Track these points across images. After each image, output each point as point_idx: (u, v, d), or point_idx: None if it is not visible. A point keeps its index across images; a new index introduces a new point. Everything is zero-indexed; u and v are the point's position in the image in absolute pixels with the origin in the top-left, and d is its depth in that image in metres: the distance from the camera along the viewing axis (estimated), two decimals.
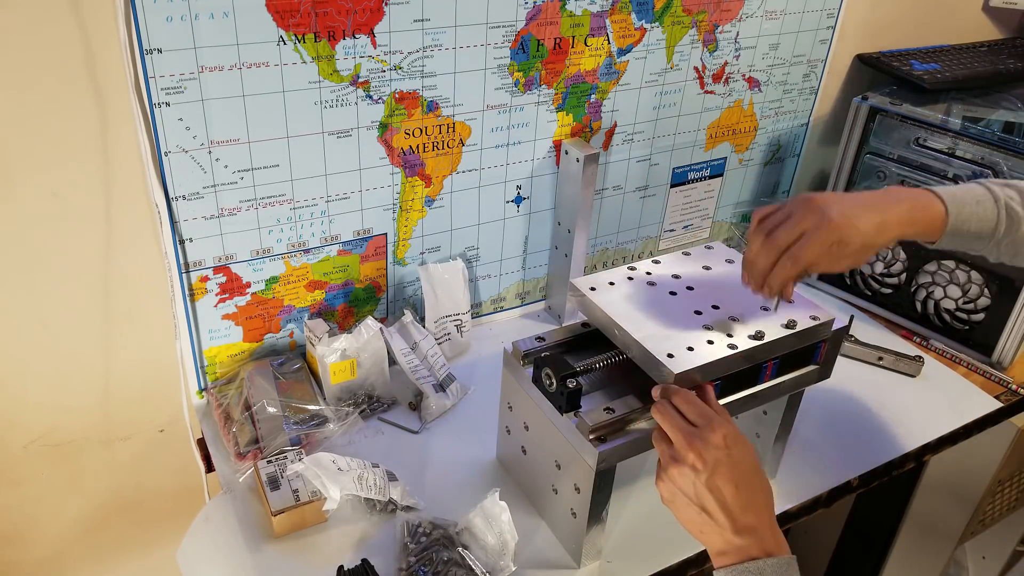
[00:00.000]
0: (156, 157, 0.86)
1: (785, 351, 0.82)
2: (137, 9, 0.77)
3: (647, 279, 0.88)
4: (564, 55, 1.06)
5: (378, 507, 0.88)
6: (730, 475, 0.67)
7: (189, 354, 0.99)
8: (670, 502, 0.71)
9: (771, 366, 0.82)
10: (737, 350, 0.78)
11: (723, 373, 0.78)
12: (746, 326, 0.81)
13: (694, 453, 0.68)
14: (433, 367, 1.06)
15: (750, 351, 0.79)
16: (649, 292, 0.86)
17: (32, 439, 0.99)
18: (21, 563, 1.08)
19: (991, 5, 1.56)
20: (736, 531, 0.67)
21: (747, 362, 0.80)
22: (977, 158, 1.18)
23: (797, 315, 0.83)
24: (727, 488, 0.67)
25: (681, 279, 0.88)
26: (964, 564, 1.50)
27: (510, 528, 0.80)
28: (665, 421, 0.72)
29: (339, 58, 0.90)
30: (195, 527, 0.87)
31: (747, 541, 0.66)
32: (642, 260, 0.91)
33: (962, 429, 1.08)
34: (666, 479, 0.71)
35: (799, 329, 0.81)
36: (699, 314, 0.83)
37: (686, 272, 0.90)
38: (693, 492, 0.69)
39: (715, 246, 0.95)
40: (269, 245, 0.98)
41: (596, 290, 0.85)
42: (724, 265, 0.92)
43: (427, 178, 1.05)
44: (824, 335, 0.84)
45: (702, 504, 0.68)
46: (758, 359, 0.80)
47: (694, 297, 0.85)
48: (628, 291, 0.86)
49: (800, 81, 1.33)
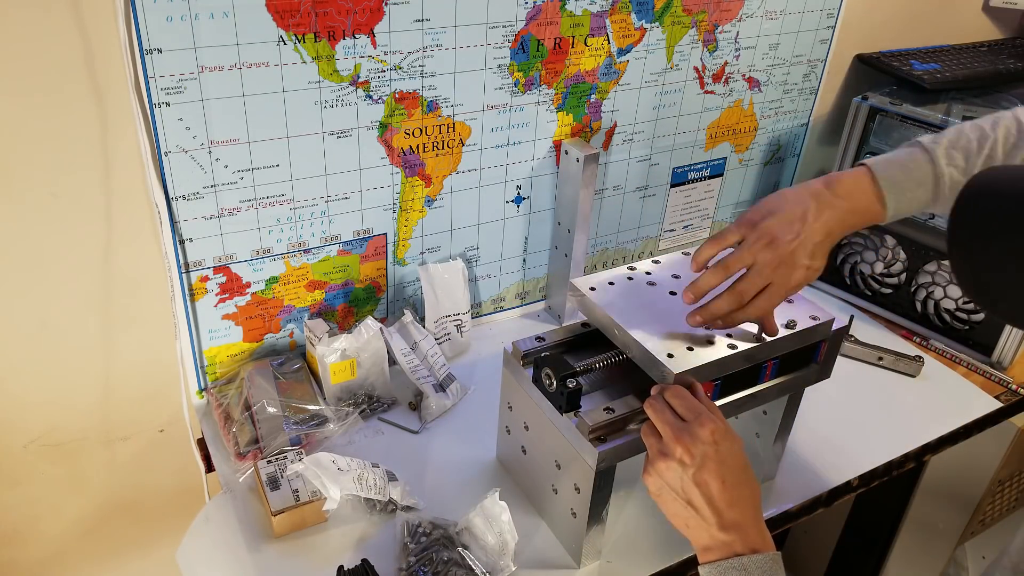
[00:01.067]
0: (156, 157, 0.86)
1: (785, 351, 0.82)
2: (137, 9, 0.77)
3: (647, 279, 0.88)
4: (564, 55, 1.06)
5: (378, 507, 0.88)
6: (717, 470, 0.68)
7: (189, 354, 0.99)
8: (657, 496, 0.72)
9: (771, 366, 0.82)
10: (737, 350, 0.78)
11: (723, 373, 0.78)
12: (746, 326, 0.81)
13: (682, 447, 0.68)
14: (433, 367, 1.06)
15: (750, 351, 0.79)
16: (649, 292, 0.86)
17: (32, 439, 0.99)
18: (21, 563, 1.08)
19: (991, 5, 1.55)
20: (722, 527, 0.67)
21: (747, 362, 0.80)
22: None
23: (797, 315, 0.83)
24: (714, 483, 0.67)
25: (681, 279, 0.88)
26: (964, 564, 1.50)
27: (510, 528, 0.80)
28: (655, 415, 0.72)
29: (339, 58, 0.90)
30: (195, 527, 0.87)
31: (732, 537, 0.67)
32: (642, 260, 0.91)
33: (962, 429, 1.08)
34: (653, 473, 0.71)
35: (799, 329, 0.81)
36: None
37: (686, 272, 0.89)
38: (680, 486, 0.69)
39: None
40: (269, 245, 0.98)
41: (596, 290, 0.85)
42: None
43: (427, 178, 1.05)
44: (824, 335, 0.84)
45: (688, 498, 0.68)
46: (758, 359, 0.81)
47: None
48: (628, 291, 0.86)
49: (800, 81, 1.33)
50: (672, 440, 0.69)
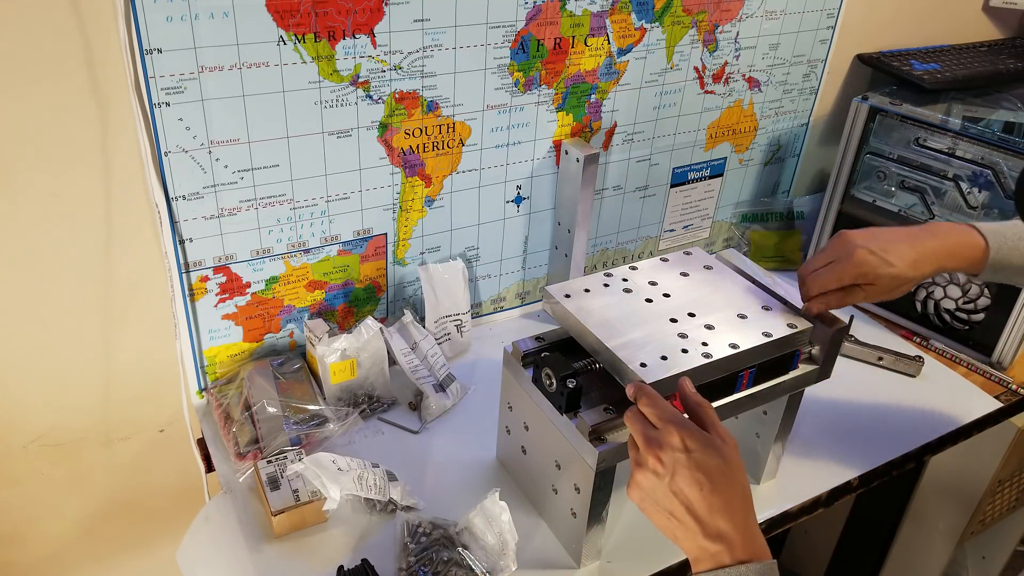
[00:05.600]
0: (156, 157, 0.86)
1: (761, 359, 0.81)
2: (137, 9, 0.77)
3: (623, 286, 0.87)
4: (564, 55, 1.06)
5: (378, 507, 0.88)
6: (692, 478, 0.65)
7: (189, 354, 0.99)
8: (643, 508, 0.69)
9: (747, 375, 0.81)
10: (711, 359, 0.76)
11: (697, 383, 0.75)
12: (722, 335, 0.80)
13: (653, 457, 0.66)
14: (433, 367, 1.06)
15: (725, 360, 0.77)
16: (625, 299, 0.85)
17: (32, 439, 0.99)
18: (21, 563, 1.08)
19: (991, 5, 1.56)
20: (707, 536, 0.64)
21: (722, 371, 0.78)
22: (977, 158, 1.18)
23: (774, 324, 0.81)
24: (691, 491, 0.65)
25: (658, 286, 0.87)
26: (964, 564, 1.50)
27: (510, 528, 0.80)
28: (630, 425, 0.70)
29: (339, 58, 0.90)
30: (195, 527, 0.87)
31: (719, 547, 0.64)
32: (619, 266, 0.90)
33: (962, 429, 1.08)
34: (634, 485, 0.69)
35: (775, 338, 0.80)
36: (674, 322, 0.81)
37: (663, 279, 0.88)
38: (658, 497, 0.66)
39: (694, 252, 0.94)
40: (269, 245, 0.98)
41: (571, 297, 0.84)
42: (702, 272, 0.90)
43: (427, 178, 1.05)
44: (801, 343, 0.83)
45: (669, 509, 0.66)
46: (733, 368, 0.79)
47: (670, 304, 0.84)
48: (603, 298, 0.84)
49: (800, 81, 1.33)
50: (644, 450, 0.67)
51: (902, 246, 0.84)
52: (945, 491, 1.29)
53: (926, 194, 1.25)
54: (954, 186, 1.22)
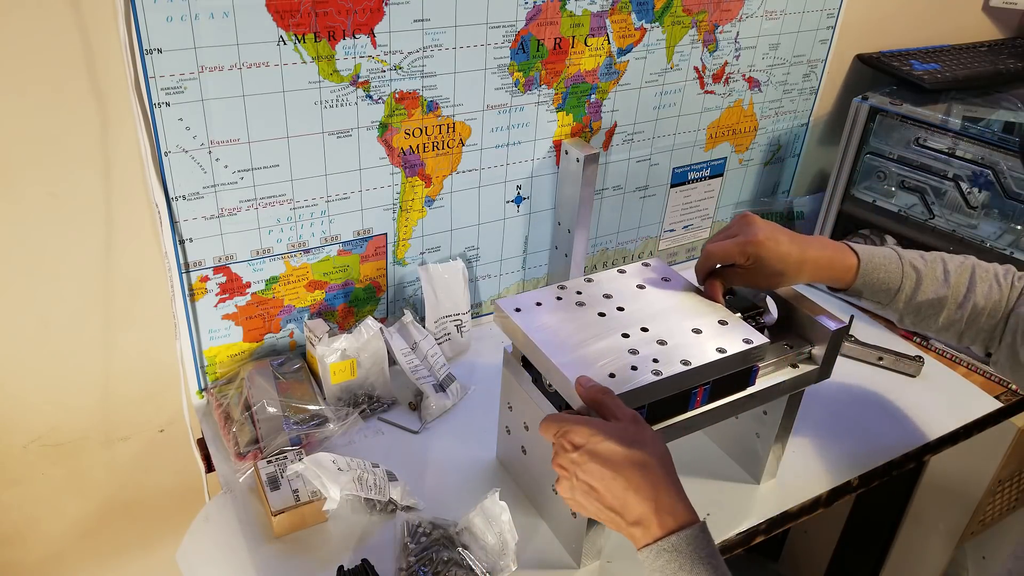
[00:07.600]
0: (156, 157, 0.86)
1: (715, 376, 0.78)
2: (137, 9, 0.77)
3: (577, 299, 0.84)
4: (564, 55, 1.06)
5: (378, 507, 0.88)
6: (594, 471, 0.67)
7: (189, 354, 0.99)
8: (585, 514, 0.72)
9: (702, 391, 0.79)
10: (662, 376, 0.74)
11: (648, 400, 0.75)
12: (675, 351, 0.77)
13: (557, 465, 0.71)
14: (433, 367, 1.06)
15: (677, 377, 0.75)
16: (577, 313, 0.82)
17: (32, 439, 0.99)
18: (21, 563, 1.08)
19: (991, 5, 1.56)
20: (630, 524, 0.67)
21: (674, 389, 0.76)
22: (977, 158, 1.18)
23: (730, 339, 0.79)
24: (598, 484, 0.67)
25: (612, 299, 0.85)
26: (964, 564, 1.50)
27: (510, 528, 0.80)
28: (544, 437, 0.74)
29: (339, 58, 0.90)
30: (195, 527, 0.87)
31: (638, 531, 0.66)
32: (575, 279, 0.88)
33: (962, 429, 1.08)
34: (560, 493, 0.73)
35: (729, 354, 0.77)
36: (626, 337, 0.79)
37: (619, 291, 0.86)
38: (579, 499, 0.70)
39: (653, 263, 0.92)
40: (269, 245, 0.98)
41: (521, 311, 0.82)
42: (659, 284, 0.88)
43: (427, 178, 1.05)
44: (757, 358, 0.80)
45: (593, 507, 0.69)
46: (686, 386, 0.77)
47: (623, 319, 0.82)
48: (555, 312, 0.82)
49: (800, 81, 1.33)
50: (553, 465, 0.72)
51: (794, 247, 0.86)
52: (945, 491, 1.29)
53: (926, 194, 1.25)
54: (954, 186, 1.22)
